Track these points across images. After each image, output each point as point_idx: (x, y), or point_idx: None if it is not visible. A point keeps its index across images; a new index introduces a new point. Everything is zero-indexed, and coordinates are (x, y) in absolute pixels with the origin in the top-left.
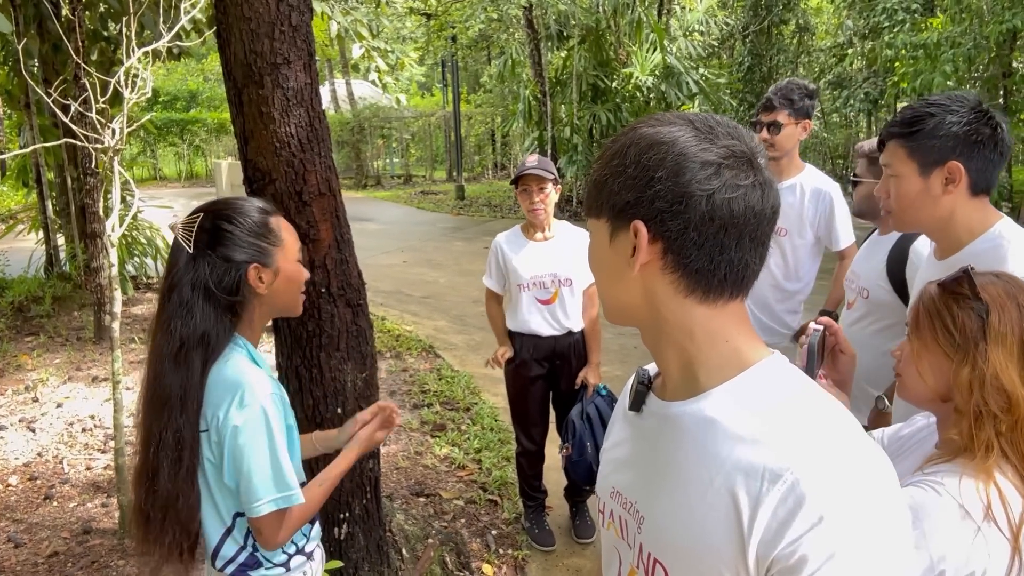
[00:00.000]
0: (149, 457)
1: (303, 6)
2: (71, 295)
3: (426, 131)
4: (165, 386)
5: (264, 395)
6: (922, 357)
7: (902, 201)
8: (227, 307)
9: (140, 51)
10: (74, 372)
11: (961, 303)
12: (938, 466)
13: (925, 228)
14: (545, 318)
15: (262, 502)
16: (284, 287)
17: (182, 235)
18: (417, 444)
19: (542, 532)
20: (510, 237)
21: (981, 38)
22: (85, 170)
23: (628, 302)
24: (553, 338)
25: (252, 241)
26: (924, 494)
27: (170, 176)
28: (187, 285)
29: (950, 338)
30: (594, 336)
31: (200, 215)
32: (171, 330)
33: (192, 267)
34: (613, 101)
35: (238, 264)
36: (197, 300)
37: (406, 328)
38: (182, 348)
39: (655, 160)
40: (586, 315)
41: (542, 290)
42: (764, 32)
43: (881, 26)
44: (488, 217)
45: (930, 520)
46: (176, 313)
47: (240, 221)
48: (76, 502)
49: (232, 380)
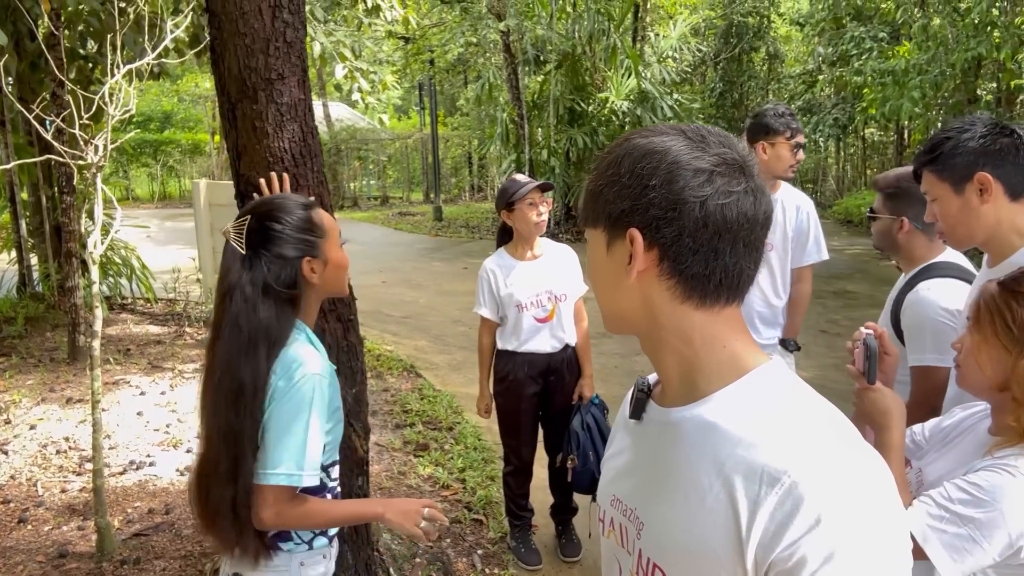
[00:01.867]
0: (231, 448)
1: (298, 23)
2: (44, 315)
3: (403, 153)
4: (239, 379)
5: (315, 374)
6: (982, 350)
7: (948, 220)
8: (287, 300)
9: (125, 68)
10: (47, 393)
11: (1020, 300)
12: (1006, 450)
13: (977, 240)
14: (544, 335)
15: (276, 471)
16: (334, 274)
17: (234, 238)
18: (400, 464)
19: (528, 551)
20: (499, 261)
21: (947, 66)
22: (61, 189)
23: (627, 309)
24: (549, 355)
25: (301, 237)
26: (1000, 477)
27: (142, 197)
28: (248, 284)
29: (1009, 333)
30: (586, 349)
31: (248, 218)
32: (239, 325)
33: (249, 267)
34: (589, 125)
35: (292, 260)
36: (259, 297)
37: (387, 348)
38: (250, 342)
39: (649, 169)
40: (578, 328)
41: (540, 308)
42: (735, 59)
43: (849, 54)
44: (466, 238)
45: (1008, 500)
46: (242, 310)
47: (287, 220)
48: (51, 525)
49: (290, 357)
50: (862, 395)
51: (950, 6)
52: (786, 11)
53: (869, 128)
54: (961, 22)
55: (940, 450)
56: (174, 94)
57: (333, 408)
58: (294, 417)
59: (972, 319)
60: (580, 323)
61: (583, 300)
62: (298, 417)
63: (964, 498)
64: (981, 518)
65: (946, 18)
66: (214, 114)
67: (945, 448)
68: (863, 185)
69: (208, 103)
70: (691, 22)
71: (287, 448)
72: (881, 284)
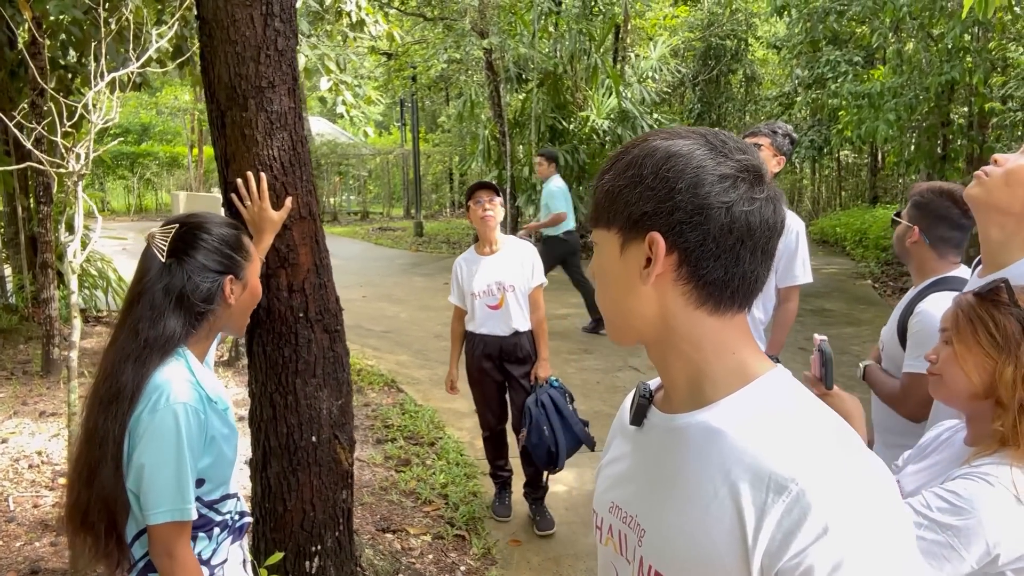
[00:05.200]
0: (94, 451)
1: (289, 32)
2: (17, 327)
3: (384, 169)
4: (120, 383)
5: (181, 402)
6: (966, 358)
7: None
8: (198, 315)
9: (109, 76)
10: (20, 407)
11: (1000, 309)
12: (984, 459)
13: (993, 218)
14: (496, 320)
15: (160, 510)
16: (248, 302)
17: (157, 244)
18: (382, 479)
19: (501, 506)
20: (466, 256)
21: (921, 89)
22: (39, 198)
23: (638, 314)
24: (501, 338)
25: (229, 253)
26: (976, 485)
27: (118, 209)
28: (160, 291)
29: (992, 340)
30: (541, 335)
31: (176, 225)
32: (138, 331)
33: (167, 274)
34: (570, 143)
35: (215, 275)
36: (169, 306)
37: (367, 362)
38: (145, 349)
39: (675, 171)
40: (533, 316)
41: (491, 297)
42: (713, 81)
43: (825, 77)
44: (447, 254)
45: (985, 508)
46: (145, 316)
47: (218, 233)
48: (23, 541)
49: (154, 383)
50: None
51: (924, 31)
52: (763, 34)
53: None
54: (935, 47)
55: (917, 463)
56: (152, 107)
57: (208, 438)
58: (163, 451)
59: (952, 329)
60: (536, 311)
61: (540, 289)
62: (166, 451)
63: (943, 506)
64: (959, 525)
65: (920, 43)
66: (193, 127)
67: (922, 460)
68: (838, 206)
69: (187, 116)
70: (671, 44)
71: (165, 485)
72: (857, 303)
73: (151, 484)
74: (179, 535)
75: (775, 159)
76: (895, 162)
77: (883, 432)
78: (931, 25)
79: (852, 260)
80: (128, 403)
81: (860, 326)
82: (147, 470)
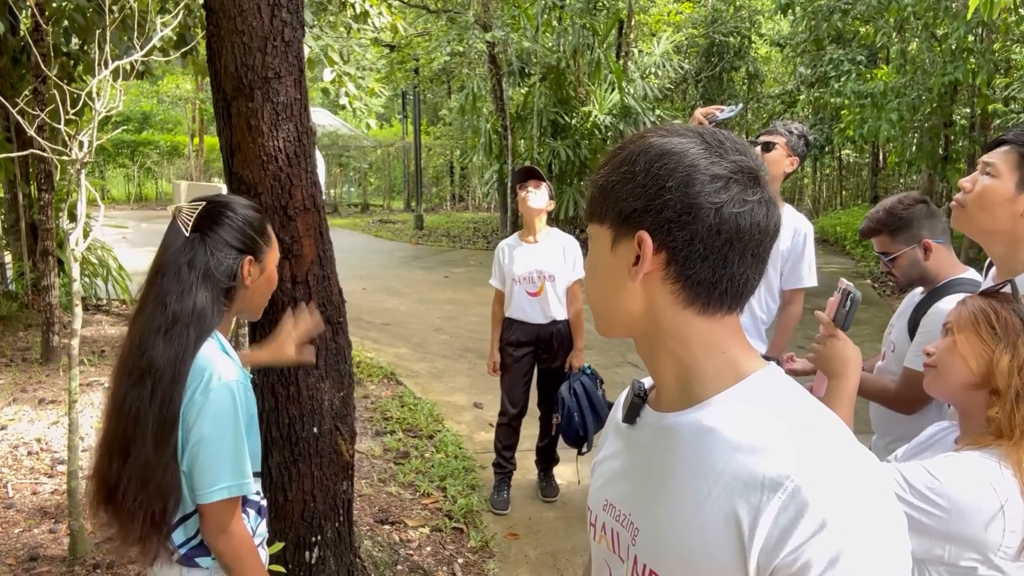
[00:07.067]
0: (125, 428)
1: (296, 22)
2: (17, 315)
3: (385, 161)
4: (151, 358)
5: (231, 380)
6: (964, 346)
7: (983, 200)
8: (224, 291)
9: (113, 65)
10: (19, 394)
11: (1003, 303)
12: (972, 449)
13: (988, 238)
14: (534, 308)
15: (217, 487)
16: (264, 287)
17: (183, 218)
18: (380, 472)
19: (500, 499)
20: (509, 241)
21: (924, 89)
22: (40, 186)
23: (625, 311)
24: (539, 325)
25: (252, 235)
26: (962, 455)
27: (118, 198)
28: (184, 265)
29: (992, 330)
30: (578, 326)
31: (203, 203)
32: (166, 303)
33: (190, 249)
34: (572, 138)
35: (236, 252)
36: (196, 280)
37: (367, 355)
38: (176, 323)
39: (666, 169)
40: (570, 308)
41: (530, 284)
42: (716, 78)
43: (828, 75)
44: (447, 247)
45: (961, 495)
46: (172, 289)
47: (243, 214)
48: (21, 528)
49: (199, 364)
50: (827, 341)
51: (928, 31)
52: (767, 32)
53: (845, 149)
54: (938, 47)
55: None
56: (154, 95)
57: (249, 416)
58: (221, 428)
59: (954, 322)
60: (573, 303)
61: (579, 284)
62: (225, 427)
63: (921, 478)
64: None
65: (924, 43)
66: (194, 116)
67: (914, 458)
68: (839, 205)
69: (188, 105)
70: (674, 40)
71: (223, 461)
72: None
73: (209, 462)
74: (234, 511)
75: (788, 159)
76: (897, 162)
77: (883, 435)
78: (935, 25)
79: (852, 260)
80: (170, 383)
81: (860, 326)
82: (204, 448)
